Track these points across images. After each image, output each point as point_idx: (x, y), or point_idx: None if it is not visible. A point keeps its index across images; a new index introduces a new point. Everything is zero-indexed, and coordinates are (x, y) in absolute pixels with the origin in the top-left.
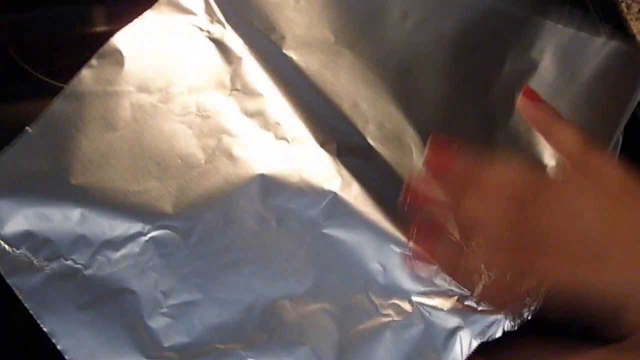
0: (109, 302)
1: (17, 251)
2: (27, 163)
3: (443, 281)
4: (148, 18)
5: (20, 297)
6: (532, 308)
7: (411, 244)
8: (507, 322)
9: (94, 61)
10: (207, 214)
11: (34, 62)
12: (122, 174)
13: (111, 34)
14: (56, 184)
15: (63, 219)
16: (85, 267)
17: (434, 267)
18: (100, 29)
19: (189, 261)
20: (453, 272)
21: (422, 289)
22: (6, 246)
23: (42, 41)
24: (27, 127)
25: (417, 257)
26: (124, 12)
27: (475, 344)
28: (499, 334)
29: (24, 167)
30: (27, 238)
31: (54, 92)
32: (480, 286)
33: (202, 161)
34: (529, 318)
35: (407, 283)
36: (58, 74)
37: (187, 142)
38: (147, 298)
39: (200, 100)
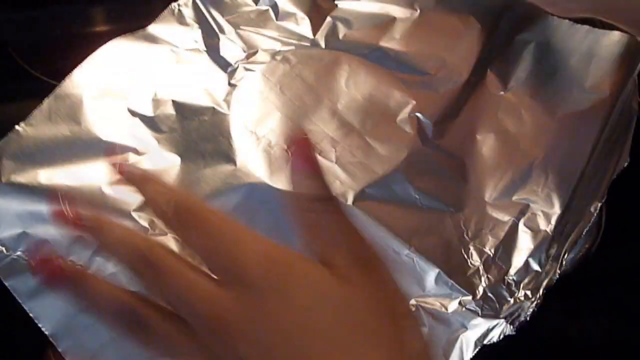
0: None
1: (15, 254)
2: (17, 162)
3: (445, 285)
4: (149, 29)
5: (19, 300)
6: (531, 311)
7: None
8: (508, 326)
9: (86, 66)
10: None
11: (33, 62)
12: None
13: (111, 33)
14: (49, 184)
15: None
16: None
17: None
18: (100, 29)
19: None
20: None
21: (424, 291)
22: (2, 248)
23: (42, 41)
24: (16, 126)
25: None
26: (124, 12)
27: (477, 347)
28: (497, 338)
29: (14, 166)
30: (23, 239)
31: None
32: (481, 289)
33: (201, 165)
34: (527, 321)
35: (410, 286)
36: (58, 74)
37: (184, 146)
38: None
39: (196, 107)
